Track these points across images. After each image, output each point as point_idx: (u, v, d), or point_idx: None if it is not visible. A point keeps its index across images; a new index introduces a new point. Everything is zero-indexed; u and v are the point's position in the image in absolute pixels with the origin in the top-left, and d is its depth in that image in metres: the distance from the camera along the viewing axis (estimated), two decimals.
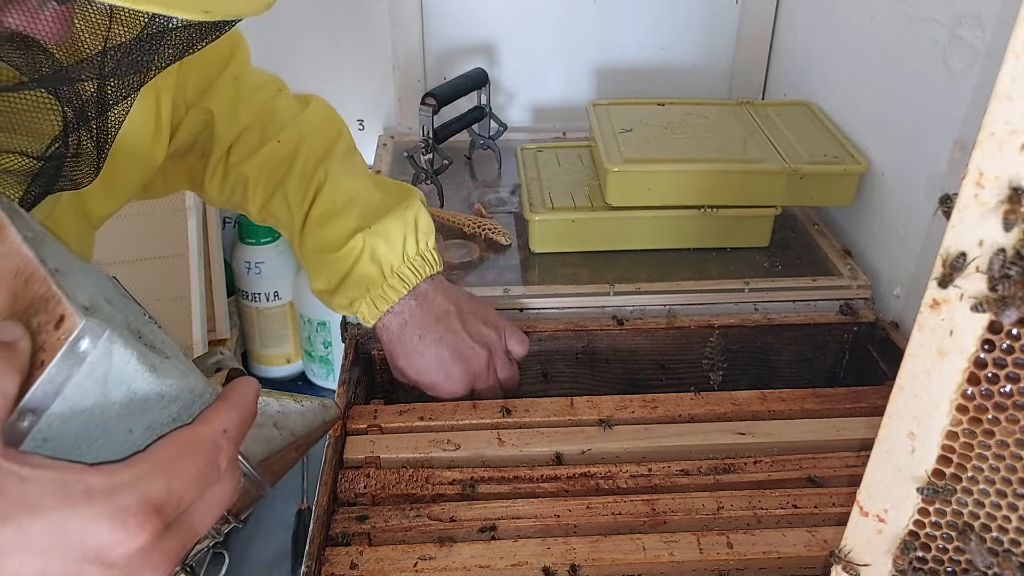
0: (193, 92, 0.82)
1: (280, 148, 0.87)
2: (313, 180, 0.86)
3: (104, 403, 0.41)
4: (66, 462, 0.39)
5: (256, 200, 0.88)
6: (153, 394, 0.42)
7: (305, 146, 0.87)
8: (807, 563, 0.71)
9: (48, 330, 0.40)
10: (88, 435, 0.41)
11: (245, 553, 1.31)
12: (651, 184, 1.06)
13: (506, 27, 1.47)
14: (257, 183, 0.87)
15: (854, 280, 1.05)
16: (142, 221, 1.47)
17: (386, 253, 0.85)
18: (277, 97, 0.88)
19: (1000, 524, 0.49)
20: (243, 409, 0.46)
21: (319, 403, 0.65)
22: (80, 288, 0.42)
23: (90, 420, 0.41)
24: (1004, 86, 0.40)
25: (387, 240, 0.85)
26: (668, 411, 0.86)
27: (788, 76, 1.42)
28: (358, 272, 0.85)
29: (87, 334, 0.39)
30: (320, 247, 0.86)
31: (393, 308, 0.86)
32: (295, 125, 0.87)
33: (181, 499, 0.41)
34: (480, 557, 0.70)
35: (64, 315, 0.39)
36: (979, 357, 0.45)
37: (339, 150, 0.88)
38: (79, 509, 0.38)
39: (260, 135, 0.87)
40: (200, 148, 0.87)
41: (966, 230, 0.43)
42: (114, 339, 0.40)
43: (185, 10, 0.40)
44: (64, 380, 0.39)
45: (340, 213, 0.85)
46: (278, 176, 0.87)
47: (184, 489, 0.41)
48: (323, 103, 0.92)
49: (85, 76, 0.49)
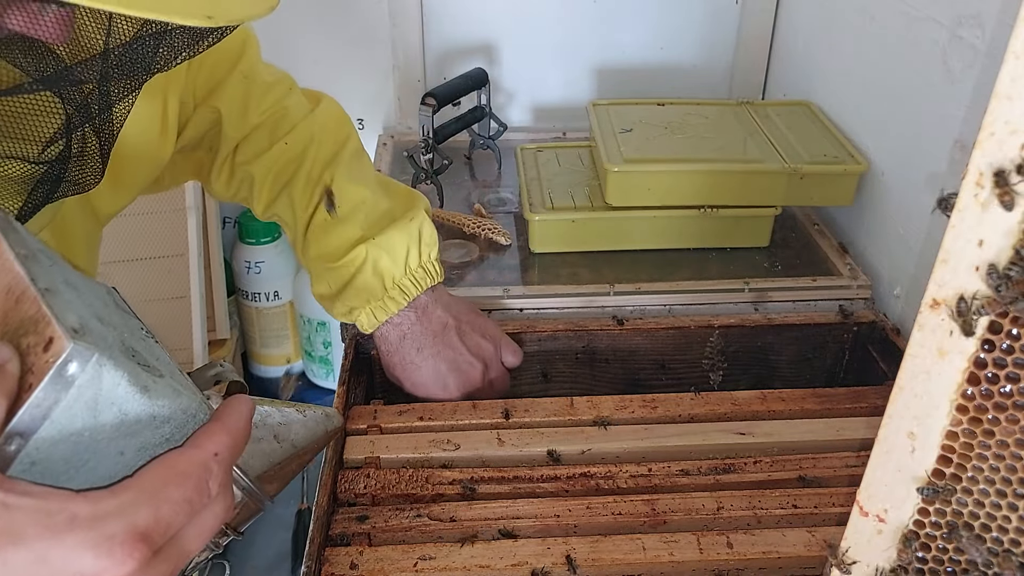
0: (202, 90, 0.82)
1: (288, 150, 0.86)
2: (319, 184, 0.86)
3: (94, 426, 0.40)
4: (51, 488, 0.39)
5: (261, 200, 0.88)
6: (145, 415, 0.42)
7: (313, 149, 0.86)
8: (807, 563, 0.71)
9: (37, 352, 0.39)
10: (78, 458, 0.40)
11: (245, 553, 1.31)
12: (651, 184, 1.06)
13: (506, 27, 1.47)
14: (263, 184, 0.87)
15: (854, 280, 1.05)
16: (142, 221, 1.47)
17: (388, 265, 0.85)
18: (287, 97, 0.87)
19: (1000, 524, 0.49)
20: (235, 431, 0.45)
21: (322, 412, 0.65)
22: (70, 308, 0.41)
23: (80, 443, 0.40)
24: (1004, 86, 0.40)
25: (390, 252, 0.85)
26: (668, 411, 0.86)
27: (788, 76, 1.42)
28: (359, 282, 0.85)
29: (75, 357, 0.39)
30: (323, 254, 0.86)
31: (392, 319, 0.87)
32: (304, 127, 0.87)
33: (169, 525, 0.40)
34: (480, 557, 0.70)
35: (53, 337, 0.39)
36: (979, 357, 0.45)
37: (347, 154, 0.88)
38: (63, 538, 0.37)
39: (269, 136, 0.86)
40: (208, 144, 0.87)
41: (966, 230, 0.43)
42: (103, 362, 0.39)
43: (188, 16, 0.40)
44: (52, 404, 0.39)
45: (344, 220, 0.85)
46: (284, 178, 0.87)
47: (172, 515, 0.41)
48: (333, 104, 0.91)
49: (86, 77, 0.49)
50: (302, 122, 0.87)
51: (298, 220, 0.87)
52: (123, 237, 1.46)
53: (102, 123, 0.53)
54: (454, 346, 0.88)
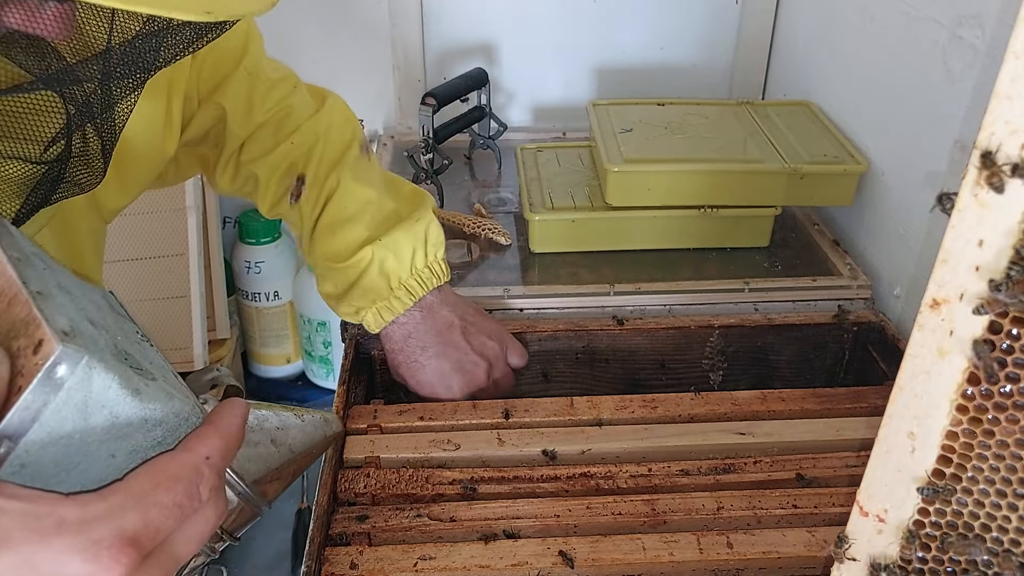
0: (206, 86, 0.81)
1: (293, 150, 0.86)
2: (325, 186, 0.86)
3: (85, 428, 0.40)
4: (40, 492, 0.39)
5: (267, 200, 0.88)
6: (136, 418, 0.42)
7: (319, 149, 0.86)
8: (807, 563, 0.71)
9: (27, 354, 0.39)
10: (68, 460, 0.40)
11: (245, 553, 1.31)
12: (651, 184, 1.06)
13: (506, 27, 1.47)
14: (268, 183, 0.87)
15: (854, 280, 1.05)
16: (142, 220, 1.47)
17: (394, 266, 0.85)
18: (292, 95, 0.87)
19: (1000, 524, 0.49)
20: (227, 435, 0.45)
21: (320, 417, 0.65)
22: (62, 311, 0.41)
23: (70, 445, 0.40)
24: (1004, 86, 0.40)
25: (396, 253, 0.85)
26: (668, 411, 0.86)
27: (788, 76, 1.42)
28: (365, 283, 0.85)
29: (64, 360, 0.38)
30: (329, 254, 0.86)
31: (398, 319, 0.87)
32: (309, 126, 0.87)
33: (159, 530, 0.40)
34: (480, 557, 0.70)
35: (43, 340, 0.39)
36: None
37: (353, 153, 0.88)
38: (50, 542, 0.37)
39: (274, 135, 0.86)
40: (213, 139, 0.87)
41: (966, 230, 0.43)
42: (93, 364, 0.39)
43: (187, 11, 0.40)
44: (41, 406, 0.38)
45: (351, 221, 0.85)
46: (290, 179, 0.86)
47: (162, 519, 0.40)
48: (339, 101, 0.91)
49: (87, 76, 0.49)
50: (307, 122, 0.87)
51: (304, 221, 0.87)
52: (123, 236, 1.46)
53: (104, 122, 0.53)
54: (459, 346, 0.88)
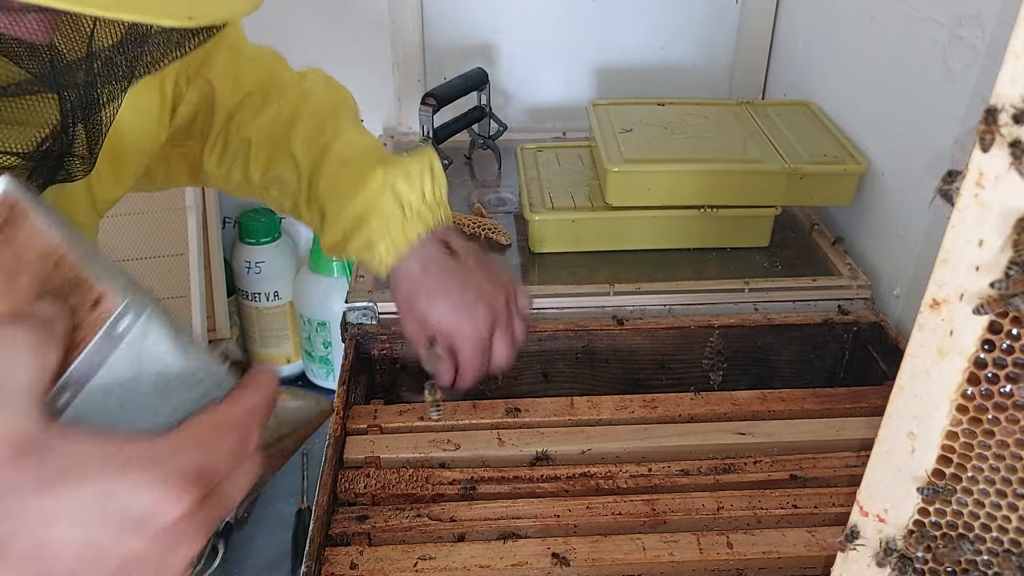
0: (193, 64, 0.81)
1: (283, 110, 0.84)
2: (321, 136, 0.83)
3: (137, 381, 0.42)
4: (106, 434, 0.40)
5: (259, 163, 0.85)
6: (184, 374, 0.44)
7: (309, 105, 0.84)
8: (807, 563, 0.71)
9: (83, 311, 0.41)
10: (116, 416, 0.42)
11: (245, 553, 1.31)
12: (651, 184, 1.06)
13: (506, 27, 1.47)
14: (260, 145, 0.84)
15: (854, 280, 1.05)
16: (142, 220, 1.47)
17: (407, 191, 0.81)
18: (276, 63, 0.87)
19: (1000, 524, 0.49)
20: (267, 395, 0.47)
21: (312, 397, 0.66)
22: (110, 271, 0.43)
23: (122, 398, 0.42)
24: (1004, 86, 0.40)
25: (407, 178, 0.81)
26: (668, 411, 0.86)
27: (788, 76, 1.42)
28: (378, 208, 0.81)
29: (130, 311, 0.41)
30: (335, 190, 0.82)
31: (414, 248, 0.81)
32: (297, 89, 0.86)
33: (218, 472, 0.42)
34: (480, 557, 0.70)
35: (101, 296, 0.41)
36: (979, 357, 0.45)
37: (345, 110, 0.86)
38: (123, 477, 0.39)
39: (263, 99, 0.85)
40: (200, 126, 0.86)
41: (966, 230, 0.43)
42: (152, 318, 0.41)
43: (169, 18, 0.40)
44: (103, 357, 0.40)
45: (355, 161, 0.82)
46: (282, 136, 0.84)
47: (220, 463, 0.42)
48: (322, 72, 0.90)
49: (71, 81, 0.49)
50: (295, 86, 0.86)
51: (302, 172, 0.84)
52: (123, 237, 1.46)
53: (90, 124, 0.54)
54: (476, 273, 0.83)
